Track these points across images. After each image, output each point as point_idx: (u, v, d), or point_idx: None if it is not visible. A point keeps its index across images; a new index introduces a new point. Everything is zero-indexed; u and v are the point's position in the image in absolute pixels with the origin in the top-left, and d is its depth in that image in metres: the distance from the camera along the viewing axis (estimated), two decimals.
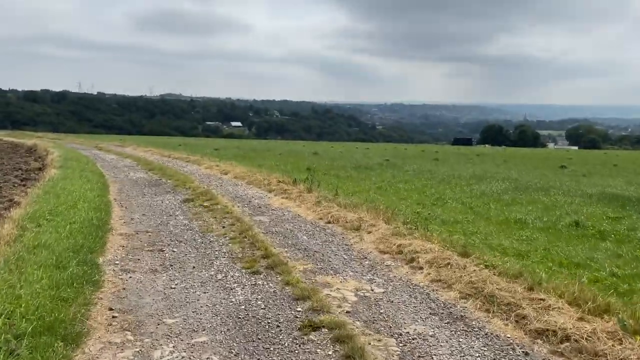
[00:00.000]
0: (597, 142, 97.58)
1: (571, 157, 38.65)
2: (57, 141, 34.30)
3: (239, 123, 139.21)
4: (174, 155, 23.09)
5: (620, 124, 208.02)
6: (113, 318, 4.63)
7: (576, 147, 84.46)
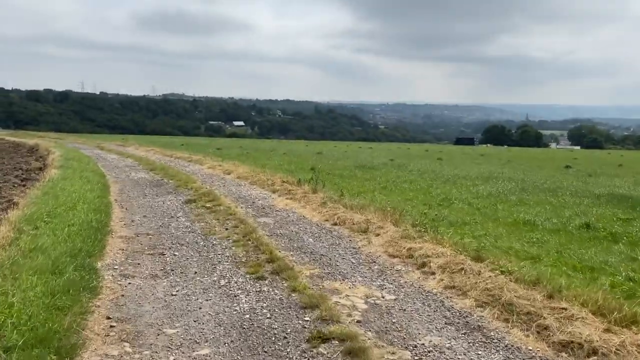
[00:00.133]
0: (600, 142, 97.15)
1: (576, 157, 38.34)
2: (59, 141, 34.11)
3: (241, 123, 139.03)
4: (176, 155, 22.87)
5: (622, 124, 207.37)
6: (111, 328, 4.38)
7: (579, 147, 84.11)
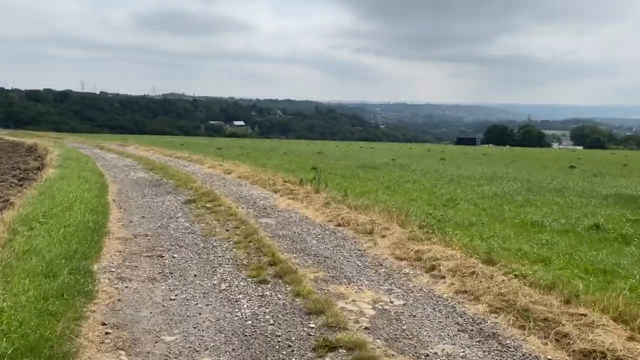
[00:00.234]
0: (602, 142, 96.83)
1: (579, 157, 38.08)
2: (59, 140, 33.90)
3: (241, 122, 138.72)
4: (176, 155, 22.64)
5: (624, 124, 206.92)
6: (106, 335, 4.16)
7: (581, 147, 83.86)
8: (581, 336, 3.99)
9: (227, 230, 7.78)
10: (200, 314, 4.61)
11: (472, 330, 4.35)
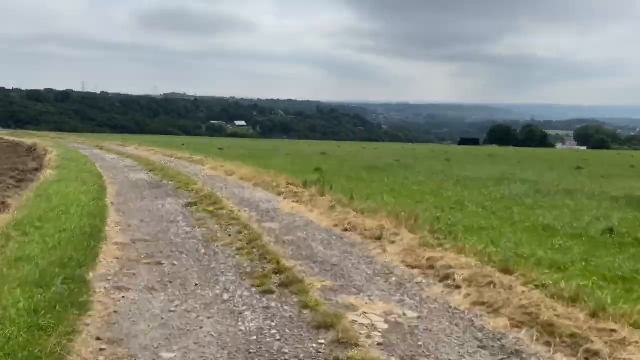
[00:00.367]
0: (607, 142, 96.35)
1: (585, 157, 37.74)
2: (59, 140, 33.73)
3: (243, 122, 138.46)
4: (177, 155, 22.39)
5: (628, 124, 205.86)
6: (100, 351, 3.86)
7: (585, 148, 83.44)
8: (613, 355, 3.69)
9: (230, 236, 7.49)
10: (201, 327, 4.31)
11: (493, 346, 4.04)
